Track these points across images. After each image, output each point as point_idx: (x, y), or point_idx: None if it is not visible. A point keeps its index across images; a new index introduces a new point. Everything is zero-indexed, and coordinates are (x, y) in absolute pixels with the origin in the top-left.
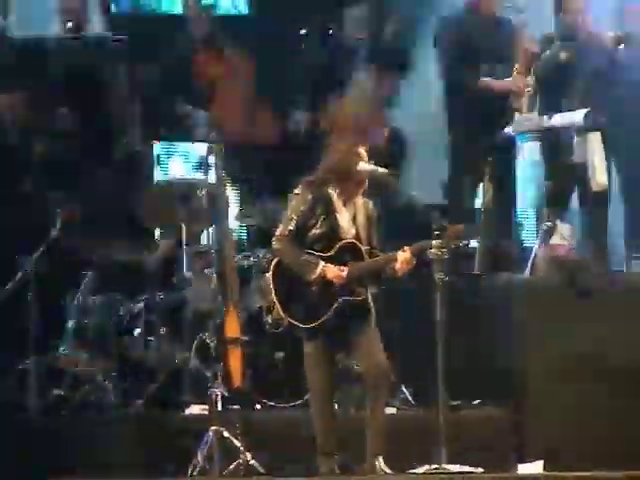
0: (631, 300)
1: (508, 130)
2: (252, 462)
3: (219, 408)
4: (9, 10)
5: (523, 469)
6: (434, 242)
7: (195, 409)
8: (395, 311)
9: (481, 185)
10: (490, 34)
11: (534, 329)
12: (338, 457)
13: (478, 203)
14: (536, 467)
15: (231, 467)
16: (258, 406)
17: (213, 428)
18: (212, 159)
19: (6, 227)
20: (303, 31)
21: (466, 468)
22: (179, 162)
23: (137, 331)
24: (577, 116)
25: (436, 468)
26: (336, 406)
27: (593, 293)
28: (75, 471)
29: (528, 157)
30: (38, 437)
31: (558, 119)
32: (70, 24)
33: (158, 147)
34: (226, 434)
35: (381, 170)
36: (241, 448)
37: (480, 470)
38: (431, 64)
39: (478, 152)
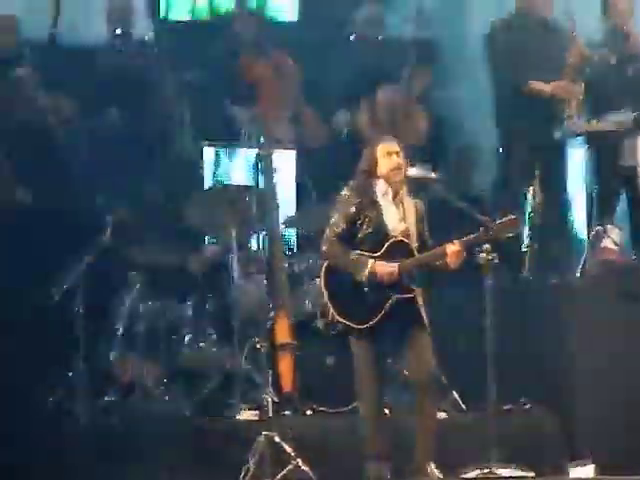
0: None
1: (558, 133)
2: (303, 468)
3: (270, 414)
4: (59, 17)
5: (574, 473)
6: (484, 247)
7: (246, 414)
8: (446, 315)
9: (531, 188)
10: (540, 37)
11: (584, 332)
12: (389, 462)
13: (528, 207)
14: (587, 471)
15: (282, 473)
16: (309, 412)
17: (264, 433)
18: (262, 165)
19: (56, 231)
20: (352, 37)
21: (517, 472)
22: (236, 166)
23: (187, 336)
24: (627, 119)
25: (487, 472)
26: (387, 411)
27: None
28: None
29: (578, 160)
30: (87, 444)
31: (608, 122)
32: (119, 30)
33: (215, 150)
34: (277, 439)
35: (432, 174)
36: (292, 454)
37: (531, 474)
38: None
39: (528, 155)
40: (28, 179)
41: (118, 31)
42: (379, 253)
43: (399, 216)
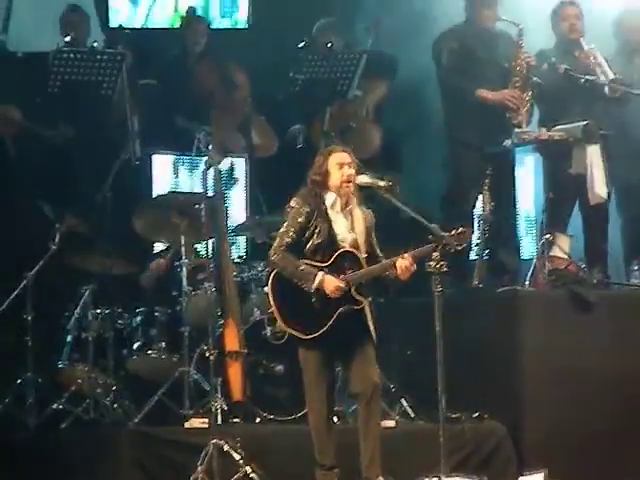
0: (630, 312)
1: (508, 142)
2: (252, 475)
3: (219, 421)
4: (9, 25)
5: None
6: (433, 255)
7: (195, 422)
8: (396, 324)
9: (480, 197)
10: (488, 46)
11: (534, 341)
12: (337, 470)
13: (477, 214)
14: (538, 479)
15: None
16: (258, 419)
17: (213, 441)
18: (211, 173)
19: (5, 241)
20: (302, 44)
21: None
22: (190, 174)
23: (136, 345)
24: (576, 128)
25: None
26: (336, 419)
27: (592, 305)
28: None
29: (528, 169)
30: (36, 452)
31: (557, 131)
32: (69, 37)
33: (172, 159)
34: (226, 447)
35: (381, 182)
36: (241, 461)
37: None
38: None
39: (477, 163)
40: None
41: (67, 38)
42: (328, 263)
43: (348, 227)
